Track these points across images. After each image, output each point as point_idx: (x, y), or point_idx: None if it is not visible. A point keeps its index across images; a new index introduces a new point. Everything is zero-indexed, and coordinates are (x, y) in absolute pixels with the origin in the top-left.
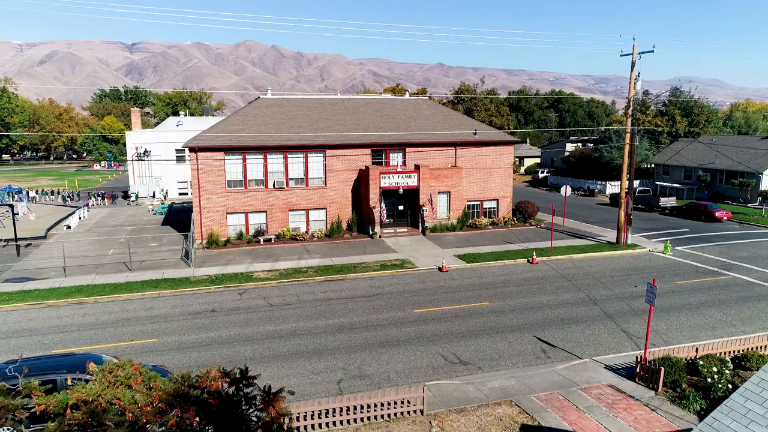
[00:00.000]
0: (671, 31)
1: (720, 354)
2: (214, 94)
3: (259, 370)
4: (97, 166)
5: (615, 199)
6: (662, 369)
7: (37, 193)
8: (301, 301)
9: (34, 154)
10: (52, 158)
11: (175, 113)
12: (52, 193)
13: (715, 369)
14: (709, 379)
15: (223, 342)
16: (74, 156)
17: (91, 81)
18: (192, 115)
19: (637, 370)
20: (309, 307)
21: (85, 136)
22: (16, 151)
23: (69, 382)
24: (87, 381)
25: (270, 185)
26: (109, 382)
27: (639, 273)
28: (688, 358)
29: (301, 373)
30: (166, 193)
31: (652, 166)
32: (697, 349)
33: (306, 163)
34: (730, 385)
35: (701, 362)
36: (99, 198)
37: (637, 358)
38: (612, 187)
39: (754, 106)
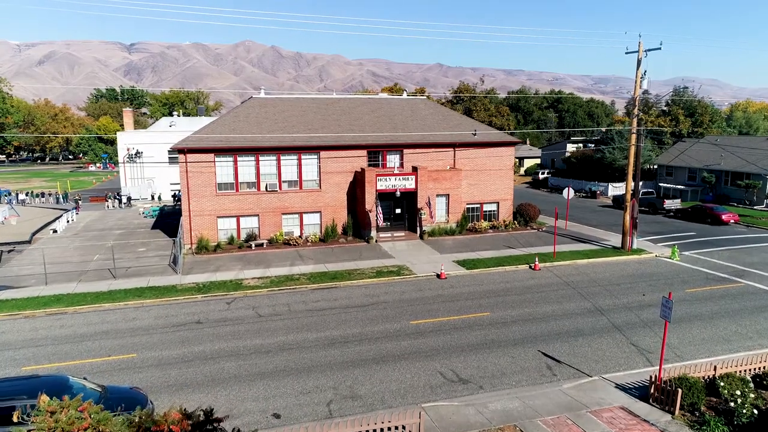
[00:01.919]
0: (669, 32)
1: (739, 372)
2: (211, 94)
3: (244, 390)
4: (92, 167)
5: (617, 201)
6: (679, 390)
7: (27, 195)
8: (292, 311)
9: (30, 155)
10: (47, 159)
11: (172, 114)
12: (43, 195)
13: (738, 392)
14: (732, 403)
15: (206, 357)
16: (70, 157)
17: (89, 81)
18: (189, 115)
19: (651, 390)
20: (300, 318)
21: (80, 137)
22: (11, 152)
23: (15, 419)
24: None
25: (262, 188)
26: (48, 427)
27: (646, 280)
28: (707, 377)
29: (288, 393)
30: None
31: (655, 167)
32: (715, 367)
33: (300, 165)
34: (755, 410)
35: (722, 383)
36: (116, 200)
37: (651, 377)
38: (614, 189)
39: (754, 106)
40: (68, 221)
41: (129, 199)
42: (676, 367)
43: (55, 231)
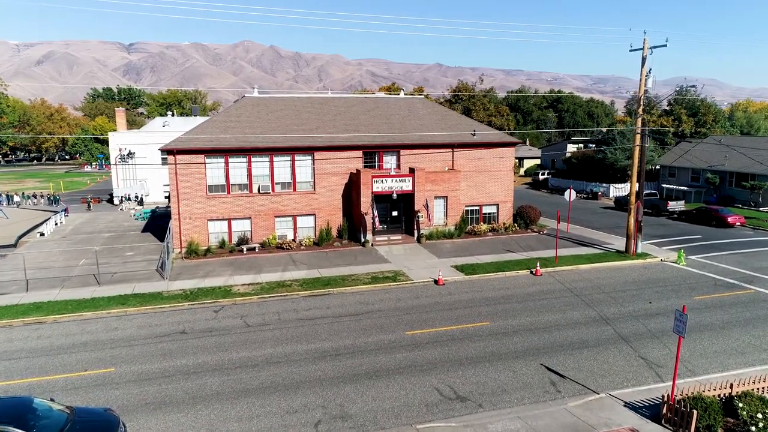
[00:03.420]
0: (668, 32)
1: (758, 390)
2: (209, 94)
3: (227, 408)
4: (88, 167)
5: (619, 203)
6: (695, 412)
7: (21, 197)
8: (282, 320)
9: (27, 155)
10: (44, 159)
11: (168, 113)
12: (34, 196)
13: (760, 415)
14: (753, 428)
15: (188, 372)
16: (67, 157)
17: (88, 81)
18: (186, 115)
19: (664, 410)
20: (290, 329)
21: (76, 138)
22: (7, 153)
23: None
24: None
25: (254, 190)
26: None
27: (653, 286)
28: (722, 396)
29: (274, 413)
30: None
31: (658, 167)
32: (731, 384)
33: (293, 167)
34: None
35: (741, 404)
36: (134, 200)
37: (663, 396)
38: (616, 190)
39: (754, 105)
40: (56, 224)
41: (141, 199)
42: (689, 383)
43: (42, 234)
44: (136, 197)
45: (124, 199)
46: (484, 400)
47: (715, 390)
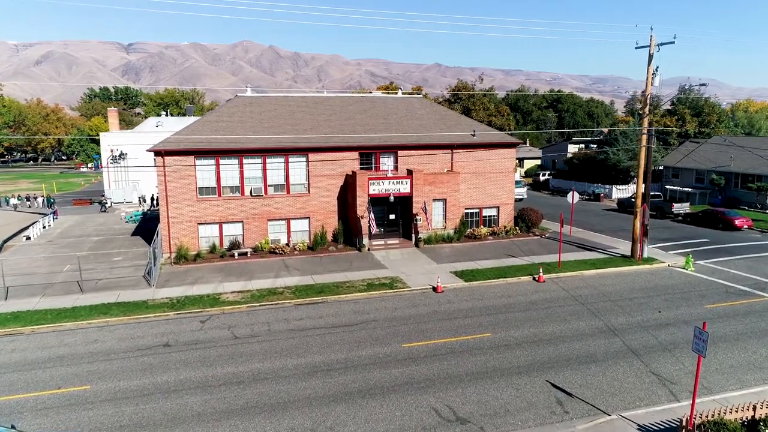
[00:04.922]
0: (667, 31)
1: None
2: (207, 94)
3: None
4: (84, 168)
5: (623, 205)
6: None
7: (18, 200)
8: (272, 331)
9: (23, 155)
10: (40, 160)
11: (164, 113)
12: (27, 198)
13: None
14: None
15: (169, 390)
16: (63, 158)
17: (87, 81)
18: (183, 115)
19: None
20: (280, 341)
21: (71, 138)
22: (3, 153)
23: None
24: None
25: (247, 192)
26: None
27: (661, 294)
28: (745, 419)
29: None
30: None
31: (661, 168)
32: (754, 407)
33: (287, 168)
34: None
35: (766, 430)
36: (147, 202)
37: (682, 420)
38: (618, 192)
39: (755, 105)
40: (44, 227)
41: (157, 200)
42: (706, 403)
43: (28, 238)
44: (152, 199)
45: (141, 201)
46: (486, 422)
47: (736, 412)
